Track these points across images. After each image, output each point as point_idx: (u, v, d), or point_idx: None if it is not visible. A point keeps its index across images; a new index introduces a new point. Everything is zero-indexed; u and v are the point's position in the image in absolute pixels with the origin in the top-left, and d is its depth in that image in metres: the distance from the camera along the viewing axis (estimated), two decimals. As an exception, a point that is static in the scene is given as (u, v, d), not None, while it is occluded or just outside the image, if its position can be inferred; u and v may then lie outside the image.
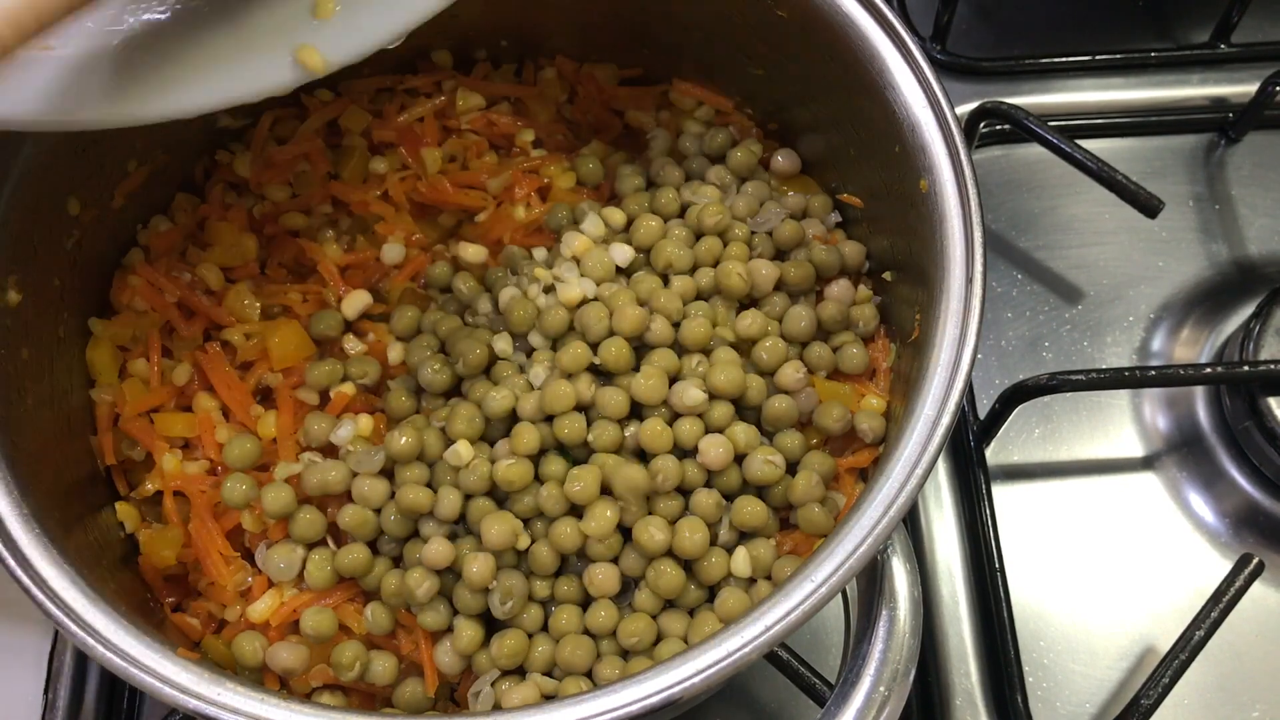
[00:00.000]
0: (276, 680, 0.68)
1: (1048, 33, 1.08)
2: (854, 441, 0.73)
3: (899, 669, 0.58)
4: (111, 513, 0.73)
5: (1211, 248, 0.98)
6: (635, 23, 0.83)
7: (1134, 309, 0.95)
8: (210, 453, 0.73)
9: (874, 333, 0.76)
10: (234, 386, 0.74)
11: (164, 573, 0.72)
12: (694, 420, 0.69)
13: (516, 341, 0.74)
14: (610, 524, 0.66)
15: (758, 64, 0.80)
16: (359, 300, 0.77)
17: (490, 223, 0.80)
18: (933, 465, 0.59)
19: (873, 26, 0.69)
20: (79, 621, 0.58)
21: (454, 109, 0.85)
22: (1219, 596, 0.77)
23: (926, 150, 0.67)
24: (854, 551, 0.56)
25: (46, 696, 0.81)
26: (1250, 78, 1.00)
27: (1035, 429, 0.91)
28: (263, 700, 0.56)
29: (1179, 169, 1.01)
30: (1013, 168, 1.02)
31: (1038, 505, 0.88)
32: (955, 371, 0.61)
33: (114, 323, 0.76)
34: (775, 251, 0.78)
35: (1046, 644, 0.84)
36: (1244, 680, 0.82)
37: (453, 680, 0.69)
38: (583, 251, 0.76)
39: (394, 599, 0.68)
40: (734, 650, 0.55)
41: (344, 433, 0.71)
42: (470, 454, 0.69)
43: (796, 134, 0.83)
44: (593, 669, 0.66)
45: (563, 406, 0.69)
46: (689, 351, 0.72)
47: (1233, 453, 0.89)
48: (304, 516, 0.69)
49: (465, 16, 0.84)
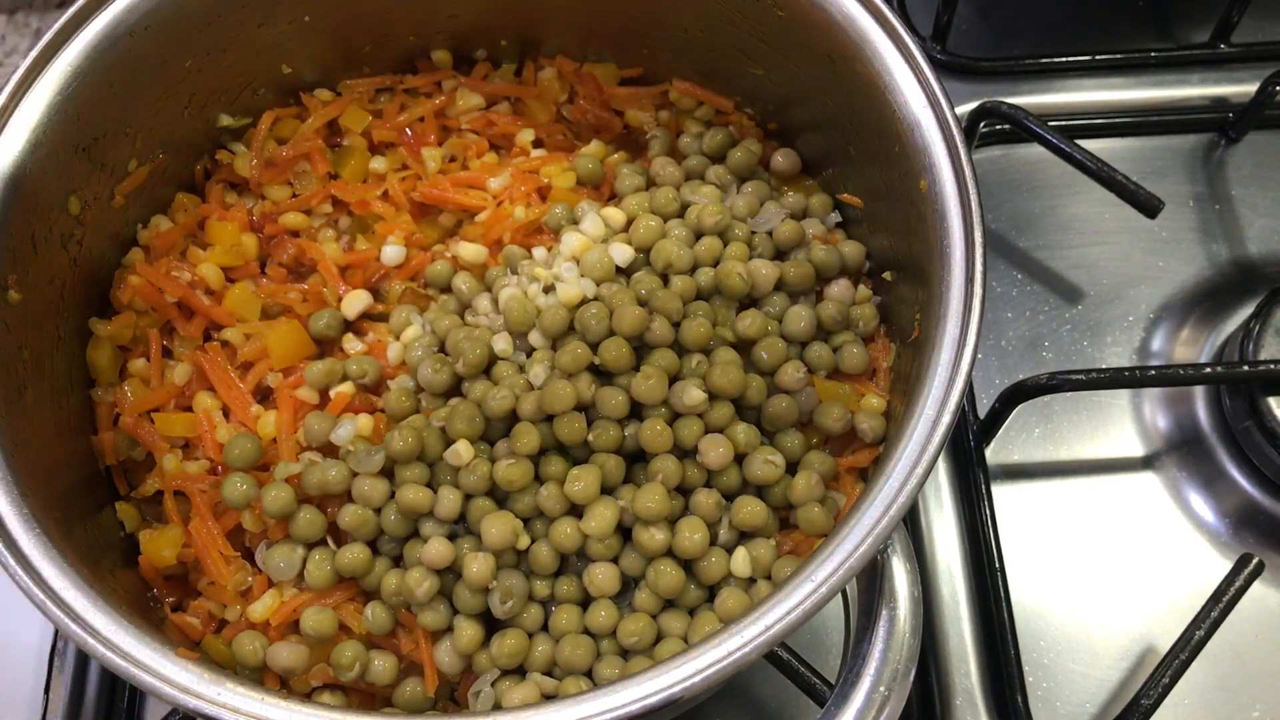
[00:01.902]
0: (276, 680, 0.68)
1: (1048, 33, 1.08)
2: (854, 441, 0.73)
3: (899, 669, 0.58)
4: (111, 513, 0.73)
5: (1211, 248, 0.98)
6: (635, 23, 0.83)
7: (1134, 309, 0.95)
8: (210, 453, 0.73)
9: (874, 333, 0.76)
10: (234, 386, 0.74)
11: (164, 573, 0.72)
12: (694, 420, 0.69)
13: (516, 341, 0.74)
14: (610, 524, 0.66)
15: (758, 64, 0.80)
16: (359, 300, 0.77)
17: (490, 223, 0.80)
18: (933, 465, 0.59)
19: (873, 26, 0.69)
20: (79, 621, 0.58)
21: (454, 109, 0.85)
22: (1219, 596, 0.77)
23: (926, 150, 0.67)
24: (854, 551, 0.56)
25: (46, 696, 0.81)
26: (1250, 78, 1.00)
27: (1035, 429, 0.91)
28: (263, 700, 0.56)
29: (1179, 169, 1.01)
30: (1013, 168, 1.02)
31: (1038, 505, 0.88)
32: (955, 371, 0.61)
33: (114, 322, 0.76)
34: (775, 251, 0.78)
35: (1046, 644, 0.84)
36: (1244, 680, 0.82)
37: (453, 680, 0.69)
38: (582, 251, 0.76)
39: (394, 599, 0.68)
40: (734, 650, 0.55)
41: (344, 433, 0.71)
42: (470, 454, 0.69)
43: (796, 134, 0.83)
44: (593, 669, 0.66)
45: (563, 406, 0.69)
46: (689, 351, 0.72)
47: (1233, 453, 0.89)
48: (304, 516, 0.69)
49: (465, 16, 0.84)
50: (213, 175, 0.83)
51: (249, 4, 0.77)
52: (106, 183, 0.76)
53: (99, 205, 0.75)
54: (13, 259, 0.68)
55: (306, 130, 0.83)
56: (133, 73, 0.73)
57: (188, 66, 0.77)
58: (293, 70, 0.83)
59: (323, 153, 0.82)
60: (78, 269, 0.74)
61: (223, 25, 0.77)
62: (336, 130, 0.84)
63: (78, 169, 0.73)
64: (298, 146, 0.82)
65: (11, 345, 0.68)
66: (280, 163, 0.81)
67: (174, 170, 0.81)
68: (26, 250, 0.69)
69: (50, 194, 0.71)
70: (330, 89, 0.85)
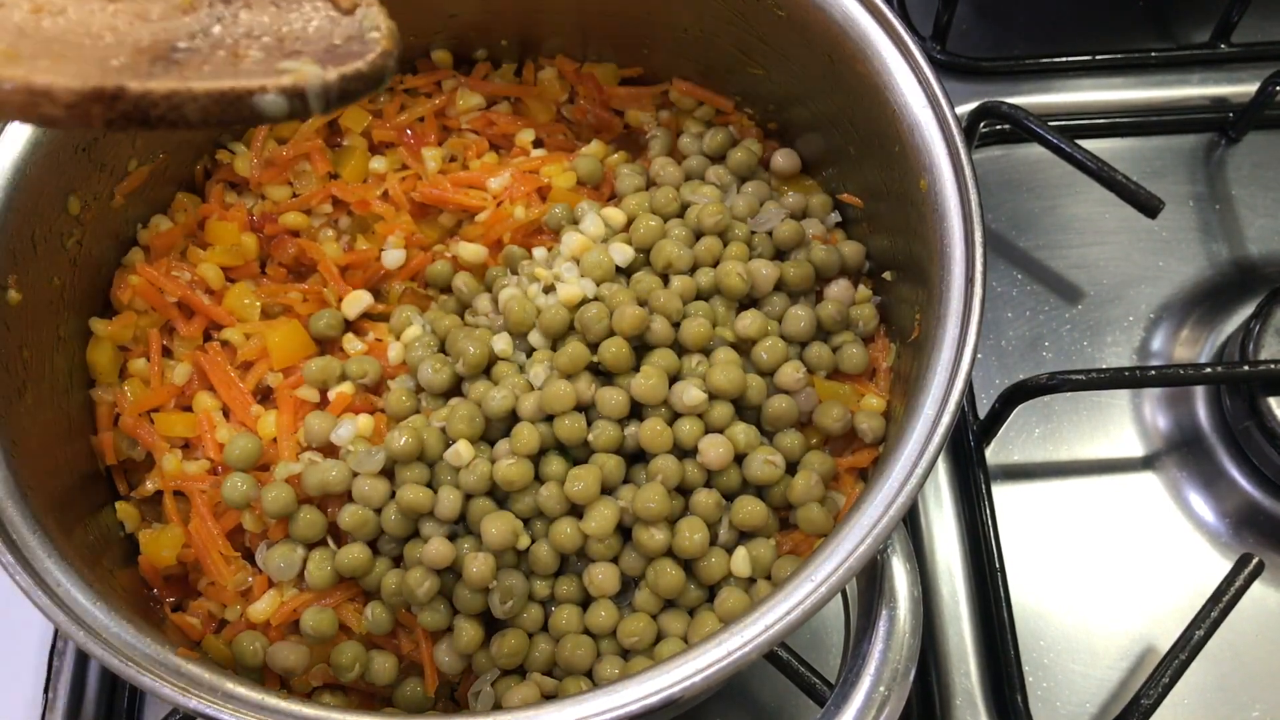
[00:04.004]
0: (276, 680, 0.68)
1: (1048, 33, 1.08)
2: (854, 441, 0.73)
3: (899, 669, 0.58)
4: (111, 513, 0.73)
5: (1211, 248, 0.98)
6: (635, 23, 0.83)
7: (1134, 309, 0.95)
8: (210, 453, 0.73)
9: (874, 333, 0.76)
10: (234, 386, 0.74)
11: (164, 573, 0.72)
12: (694, 420, 0.69)
13: (516, 341, 0.74)
14: (610, 524, 0.66)
15: (758, 64, 0.80)
16: (359, 300, 0.77)
17: (490, 223, 0.80)
18: (933, 465, 0.59)
19: (873, 26, 0.69)
20: (79, 621, 0.58)
21: (454, 109, 0.85)
22: (1219, 596, 0.77)
23: (926, 150, 0.67)
24: (854, 551, 0.56)
25: (46, 696, 0.81)
26: (1250, 78, 1.00)
27: (1035, 429, 0.91)
28: (263, 700, 0.56)
29: (1179, 169, 1.01)
30: (1013, 168, 1.02)
31: (1038, 505, 0.88)
32: (955, 371, 0.61)
33: (114, 322, 0.76)
34: (775, 251, 0.78)
35: (1046, 644, 0.84)
36: (1244, 680, 0.82)
37: (453, 680, 0.69)
38: (582, 251, 0.76)
39: (394, 599, 0.68)
40: (734, 650, 0.55)
41: (344, 433, 0.71)
42: (470, 454, 0.69)
43: (796, 134, 0.83)
44: (593, 668, 0.67)
45: (563, 406, 0.69)
46: (689, 351, 0.72)
47: (1233, 453, 0.89)
48: (304, 516, 0.69)
49: (465, 16, 0.84)
50: (213, 175, 0.83)
51: (249, 4, 0.77)
52: (106, 182, 0.76)
53: (99, 205, 0.75)
54: (13, 259, 0.68)
55: (306, 130, 0.83)
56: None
57: (188, 66, 0.77)
58: (293, 70, 0.83)
59: (323, 152, 0.82)
60: (78, 269, 0.74)
61: (223, 25, 0.77)
62: (336, 130, 0.84)
63: (78, 169, 0.73)
64: (298, 146, 0.82)
65: (11, 345, 0.68)
66: (280, 162, 0.81)
67: (174, 170, 0.81)
68: (26, 250, 0.69)
69: (50, 194, 0.71)
70: (330, 89, 0.85)
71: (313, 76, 0.43)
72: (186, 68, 0.43)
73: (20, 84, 0.40)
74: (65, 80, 0.40)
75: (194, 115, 0.42)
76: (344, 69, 0.44)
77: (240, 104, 0.42)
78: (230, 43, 0.46)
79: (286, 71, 0.43)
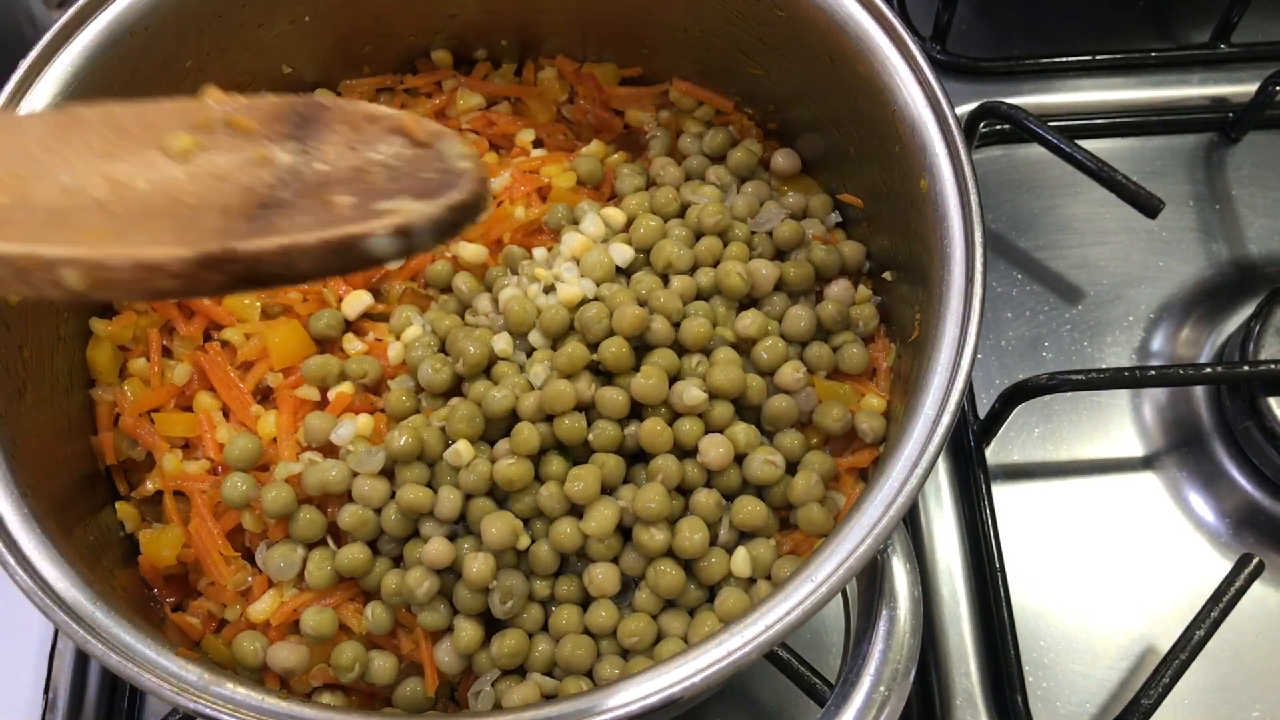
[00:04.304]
0: (276, 680, 0.68)
1: (1048, 33, 1.08)
2: (854, 441, 0.73)
3: (899, 669, 0.58)
4: (111, 513, 0.73)
5: (1211, 248, 0.98)
6: (635, 23, 0.83)
7: (1134, 309, 0.95)
8: (210, 453, 0.73)
9: (874, 333, 0.76)
10: (234, 386, 0.74)
11: (164, 573, 0.72)
12: (694, 420, 0.69)
13: (516, 341, 0.74)
14: (610, 524, 0.66)
15: (757, 64, 0.80)
16: (359, 300, 0.77)
17: (490, 223, 0.80)
18: (933, 465, 0.59)
19: (873, 26, 0.69)
20: (79, 621, 0.58)
21: (454, 109, 0.85)
22: (1219, 596, 0.77)
23: (926, 150, 0.67)
24: (854, 551, 0.56)
25: (46, 696, 0.81)
26: (1250, 78, 1.00)
27: (1035, 429, 0.91)
28: (263, 700, 0.56)
29: (1179, 169, 1.01)
30: (1013, 168, 1.02)
31: (1038, 505, 0.88)
32: (955, 371, 0.61)
33: (114, 322, 0.76)
34: (775, 251, 0.78)
35: (1046, 644, 0.84)
36: (1244, 680, 0.82)
37: (453, 680, 0.69)
38: (582, 251, 0.76)
39: (394, 599, 0.68)
40: (734, 650, 0.55)
41: (344, 432, 0.71)
42: (470, 454, 0.69)
43: (796, 134, 0.83)
44: (593, 668, 0.66)
45: (563, 406, 0.69)
46: (689, 351, 0.72)
47: (1233, 453, 0.89)
48: (304, 516, 0.69)
49: (465, 16, 0.84)
50: (213, 175, 0.83)
51: (249, 4, 0.77)
52: (106, 183, 0.76)
53: (99, 205, 0.75)
54: (13, 259, 0.68)
55: (306, 130, 0.83)
56: (133, 73, 0.73)
57: (188, 66, 0.77)
58: (293, 70, 0.83)
59: (323, 153, 0.82)
60: (78, 269, 0.74)
61: (223, 25, 0.76)
62: (336, 130, 0.84)
63: (78, 169, 0.73)
64: (298, 146, 0.82)
65: (11, 345, 0.67)
66: (280, 163, 0.81)
67: (174, 170, 0.81)
68: (26, 250, 0.69)
69: (50, 194, 0.71)
70: (330, 89, 0.85)
71: (418, 213, 0.42)
72: (281, 222, 0.42)
73: (129, 260, 0.38)
74: (171, 250, 0.38)
75: (307, 267, 0.40)
76: (446, 200, 0.43)
77: (352, 250, 0.41)
78: (317, 191, 0.44)
79: (389, 212, 0.42)
